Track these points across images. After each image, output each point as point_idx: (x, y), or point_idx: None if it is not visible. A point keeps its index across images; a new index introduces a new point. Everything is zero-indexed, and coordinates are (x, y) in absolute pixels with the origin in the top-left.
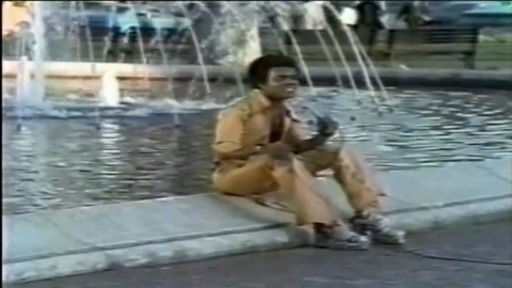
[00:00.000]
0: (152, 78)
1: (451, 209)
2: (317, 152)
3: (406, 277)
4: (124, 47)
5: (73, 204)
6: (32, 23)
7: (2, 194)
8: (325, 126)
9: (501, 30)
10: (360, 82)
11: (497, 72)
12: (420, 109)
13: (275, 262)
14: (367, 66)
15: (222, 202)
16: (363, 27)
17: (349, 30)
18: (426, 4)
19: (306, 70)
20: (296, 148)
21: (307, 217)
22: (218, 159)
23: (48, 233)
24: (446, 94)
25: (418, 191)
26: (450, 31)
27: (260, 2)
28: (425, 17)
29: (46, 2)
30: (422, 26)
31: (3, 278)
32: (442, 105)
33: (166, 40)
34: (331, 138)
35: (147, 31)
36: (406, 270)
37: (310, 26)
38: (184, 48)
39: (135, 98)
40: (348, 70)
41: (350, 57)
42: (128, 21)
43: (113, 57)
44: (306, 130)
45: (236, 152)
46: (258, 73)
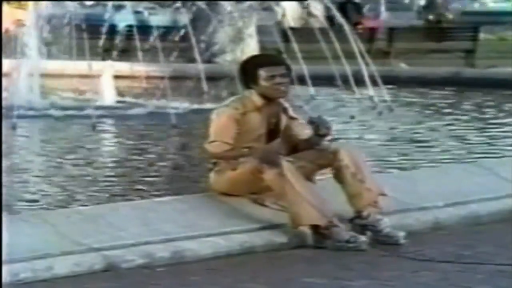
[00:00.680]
0: (149, 77)
1: (452, 209)
2: (316, 152)
3: (405, 278)
4: (120, 45)
5: (69, 204)
6: (27, 22)
7: (2, 194)
8: (317, 127)
9: (502, 28)
10: (359, 81)
11: (497, 70)
12: (420, 107)
13: (273, 263)
14: (367, 64)
15: (220, 202)
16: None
17: (348, 29)
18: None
19: (305, 68)
20: (294, 147)
21: (300, 219)
22: (209, 159)
23: (44, 233)
24: (446, 92)
25: (418, 191)
26: (451, 29)
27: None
28: (448, 14)
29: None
30: (446, 24)
31: (3, 279)
32: (442, 104)
33: (163, 38)
34: (327, 138)
35: (144, 29)
36: (406, 271)
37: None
38: (181, 46)
39: (132, 97)
40: (347, 68)
41: (350, 55)
42: (124, 19)
43: (109, 55)
44: (304, 127)
45: (226, 152)
46: (248, 74)
